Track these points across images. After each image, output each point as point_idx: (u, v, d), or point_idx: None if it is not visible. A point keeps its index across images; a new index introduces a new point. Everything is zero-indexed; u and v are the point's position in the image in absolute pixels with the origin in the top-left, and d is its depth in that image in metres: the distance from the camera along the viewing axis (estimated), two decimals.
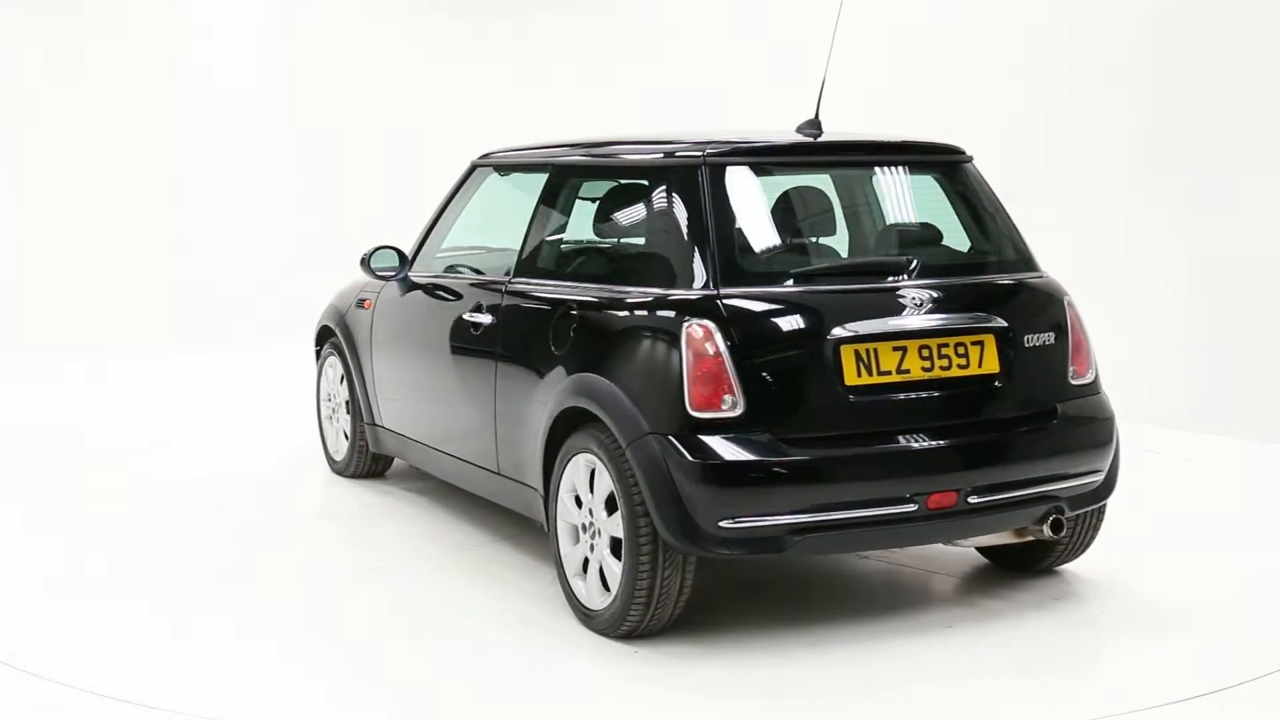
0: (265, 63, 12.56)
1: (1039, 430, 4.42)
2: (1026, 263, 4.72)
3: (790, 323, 4.20)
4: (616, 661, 4.20)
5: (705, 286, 4.17)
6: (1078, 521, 4.76)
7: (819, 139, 4.80)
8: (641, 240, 4.60)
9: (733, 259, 4.24)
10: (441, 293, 5.52)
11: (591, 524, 4.38)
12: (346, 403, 6.37)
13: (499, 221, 5.74)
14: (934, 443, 4.21)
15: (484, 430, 5.06)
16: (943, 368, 4.26)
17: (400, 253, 5.77)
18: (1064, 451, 4.46)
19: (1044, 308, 4.57)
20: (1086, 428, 4.54)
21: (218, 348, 10.97)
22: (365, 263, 5.74)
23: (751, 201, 4.44)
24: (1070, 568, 5.09)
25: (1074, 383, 4.57)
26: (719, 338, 4.07)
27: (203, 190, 12.24)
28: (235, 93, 12.32)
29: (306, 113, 12.40)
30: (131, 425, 8.13)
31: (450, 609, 4.71)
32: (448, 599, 4.80)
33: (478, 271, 5.59)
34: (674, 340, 4.10)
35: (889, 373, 4.19)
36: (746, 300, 4.17)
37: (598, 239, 4.92)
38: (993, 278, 4.63)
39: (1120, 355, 8.40)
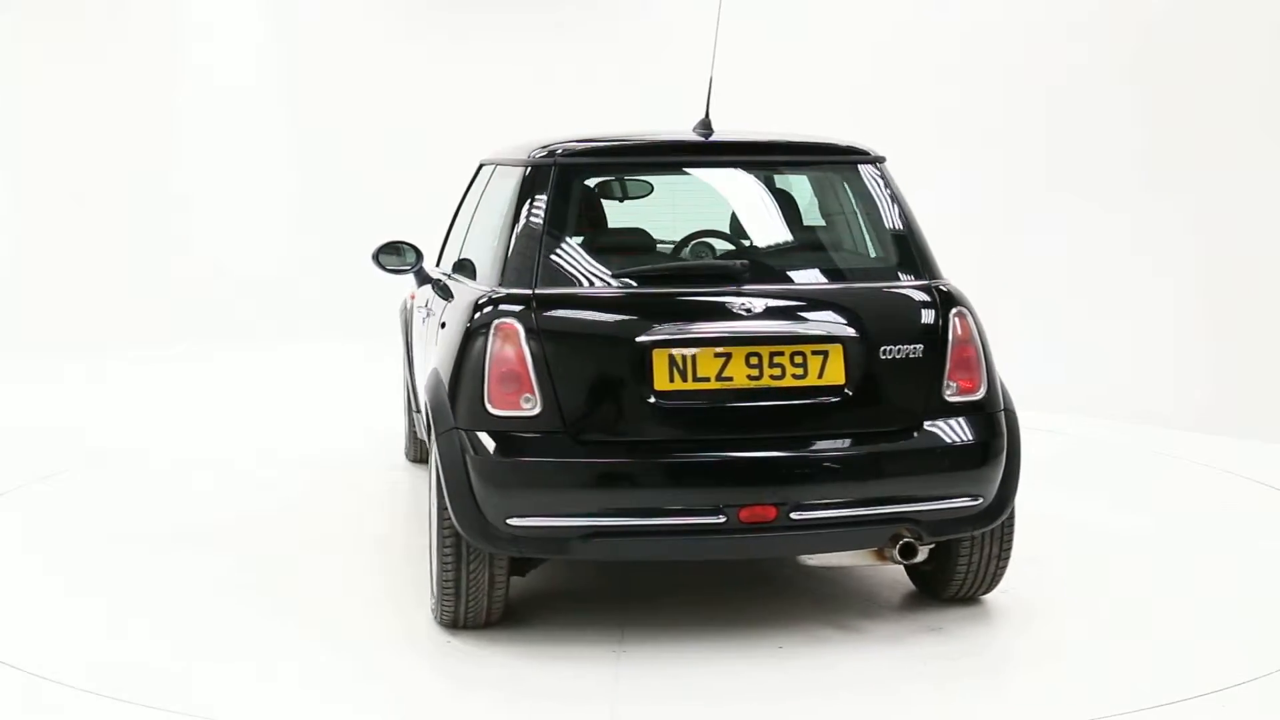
0: (265, 63, 12.56)
1: (889, 448, 4.16)
2: (912, 269, 4.43)
3: (599, 325, 4.19)
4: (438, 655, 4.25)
5: (525, 285, 4.20)
6: (977, 549, 4.44)
7: (708, 139, 4.70)
8: (495, 238, 4.61)
9: (558, 259, 4.27)
10: (437, 287, 5.59)
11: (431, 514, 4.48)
12: None
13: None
14: (750, 454, 4.07)
15: None
16: (774, 377, 4.09)
17: (410, 246, 5.79)
18: (921, 472, 4.17)
19: (915, 318, 4.28)
20: (957, 447, 4.21)
21: (217, 347, 10.97)
22: (374, 257, 5.78)
23: (592, 202, 4.53)
24: (1086, 566, 5.09)
25: (950, 399, 4.24)
26: (522, 337, 4.08)
27: (203, 190, 12.24)
28: (235, 93, 12.33)
29: (306, 113, 12.40)
30: (132, 425, 8.13)
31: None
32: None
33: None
34: (485, 337, 4.12)
35: (707, 379, 4.07)
36: (559, 300, 4.18)
37: (478, 236, 5.02)
38: (851, 285, 4.38)
39: (1120, 355, 8.42)
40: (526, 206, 4.35)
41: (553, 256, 4.27)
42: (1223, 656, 4.23)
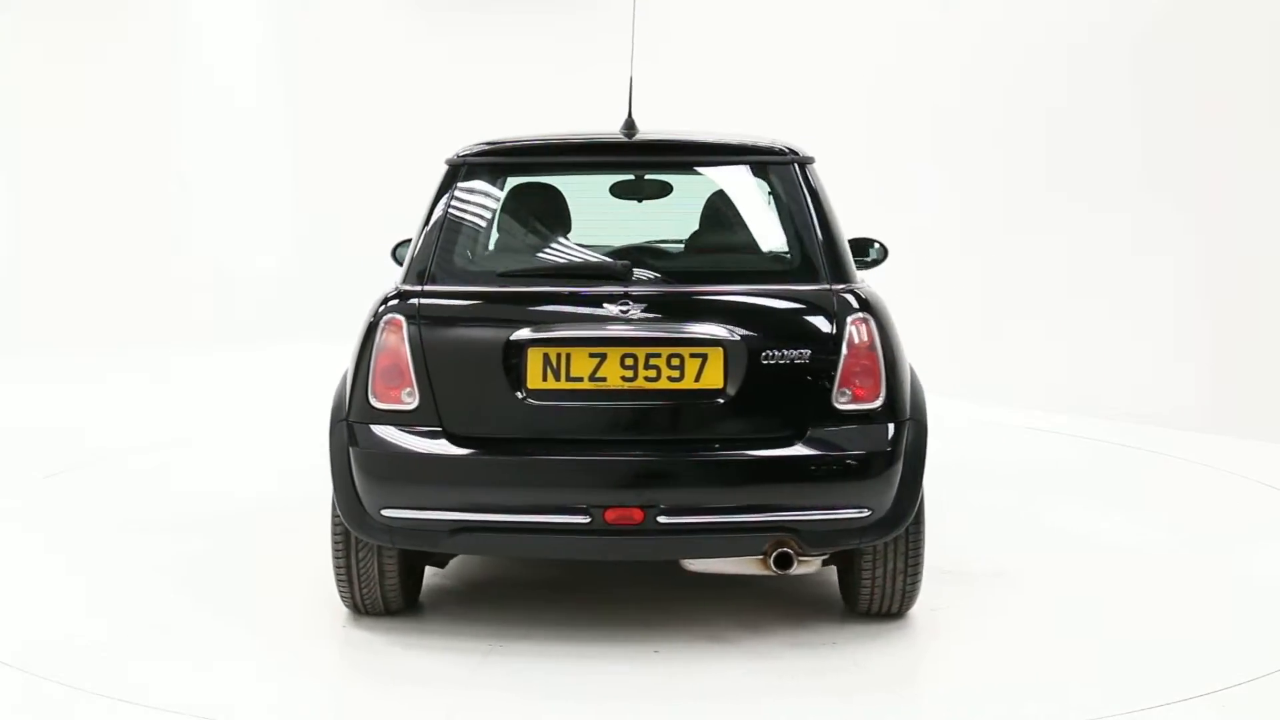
0: (265, 63, 12.57)
1: (767, 454, 4.07)
2: (814, 273, 4.29)
3: (478, 322, 4.26)
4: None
5: (421, 282, 4.28)
6: (880, 563, 4.33)
7: (631, 138, 4.67)
8: (411, 237, 4.66)
9: (449, 256, 4.35)
10: None
11: None
12: None
13: None
14: (616, 455, 4.05)
15: None
16: (649, 379, 4.05)
17: None
18: (802, 480, 4.07)
19: (803, 323, 4.17)
20: (843, 457, 4.09)
21: (217, 347, 10.97)
22: (393, 253, 5.82)
23: (491, 202, 4.55)
24: (1085, 566, 5.09)
25: (842, 407, 4.11)
26: (405, 332, 4.17)
27: (203, 190, 12.25)
28: (235, 93, 12.33)
29: (306, 113, 12.40)
30: (133, 425, 8.13)
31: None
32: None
33: None
34: (374, 332, 4.22)
35: (580, 379, 4.07)
36: (444, 297, 4.26)
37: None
38: (742, 288, 4.28)
39: (1121, 355, 8.42)
40: (434, 205, 4.46)
41: (450, 255, 4.36)
42: (1222, 656, 4.23)
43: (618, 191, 5.20)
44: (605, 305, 4.13)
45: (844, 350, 4.13)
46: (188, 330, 11.49)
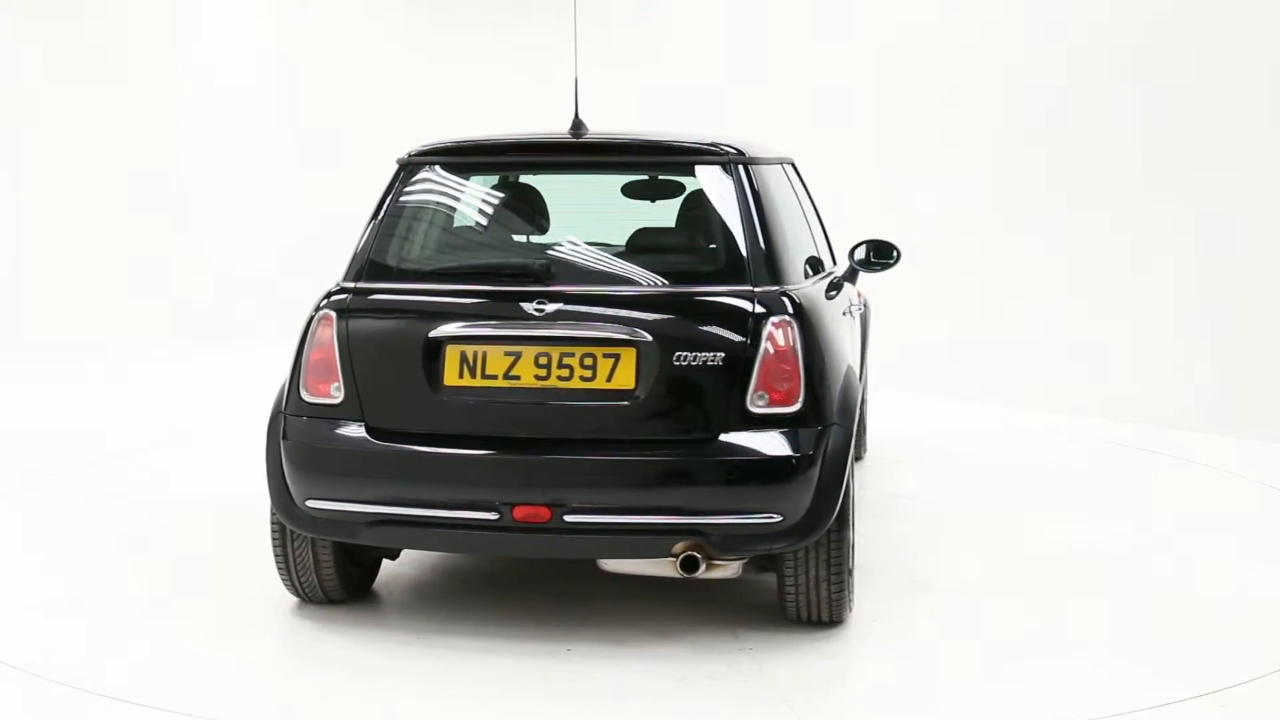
0: (265, 63, 12.57)
1: (675, 456, 4.04)
2: (740, 275, 4.22)
3: (400, 319, 4.31)
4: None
5: (356, 279, 4.40)
6: (801, 570, 4.24)
7: (579, 138, 4.70)
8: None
9: (382, 255, 4.45)
10: None
11: None
12: None
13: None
14: (524, 454, 4.07)
15: None
16: (562, 378, 4.08)
17: None
18: (711, 483, 4.03)
19: (719, 325, 4.10)
20: (754, 461, 4.03)
21: (216, 347, 10.97)
22: None
23: (430, 201, 4.61)
24: (1084, 566, 5.09)
25: (757, 410, 4.06)
26: (335, 328, 4.28)
27: (203, 190, 12.25)
28: (235, 93, 12.34)
29: (306, 113, 12.40)
30: (133, 425, 8.13)
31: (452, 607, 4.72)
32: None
33: None
34: (309, 328, 4.35)
35: (495, 377, 4.12)
36: (372, 294, 4.34)
37: None
38: (659, 289, 4.25)
39: (1121, 355, 8.42)
40: (377, 204, 4.57)
41: (384, 253, 4.45)
42: (1222, 656, 4.23)
43: (629, 191, 5.20)
44: (523, 305, 4.16)
45: (761, 353, 4.08)
46: (187, 330, 11.49)
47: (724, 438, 4.05)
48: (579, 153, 4.71)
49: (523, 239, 4.89)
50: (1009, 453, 7.38)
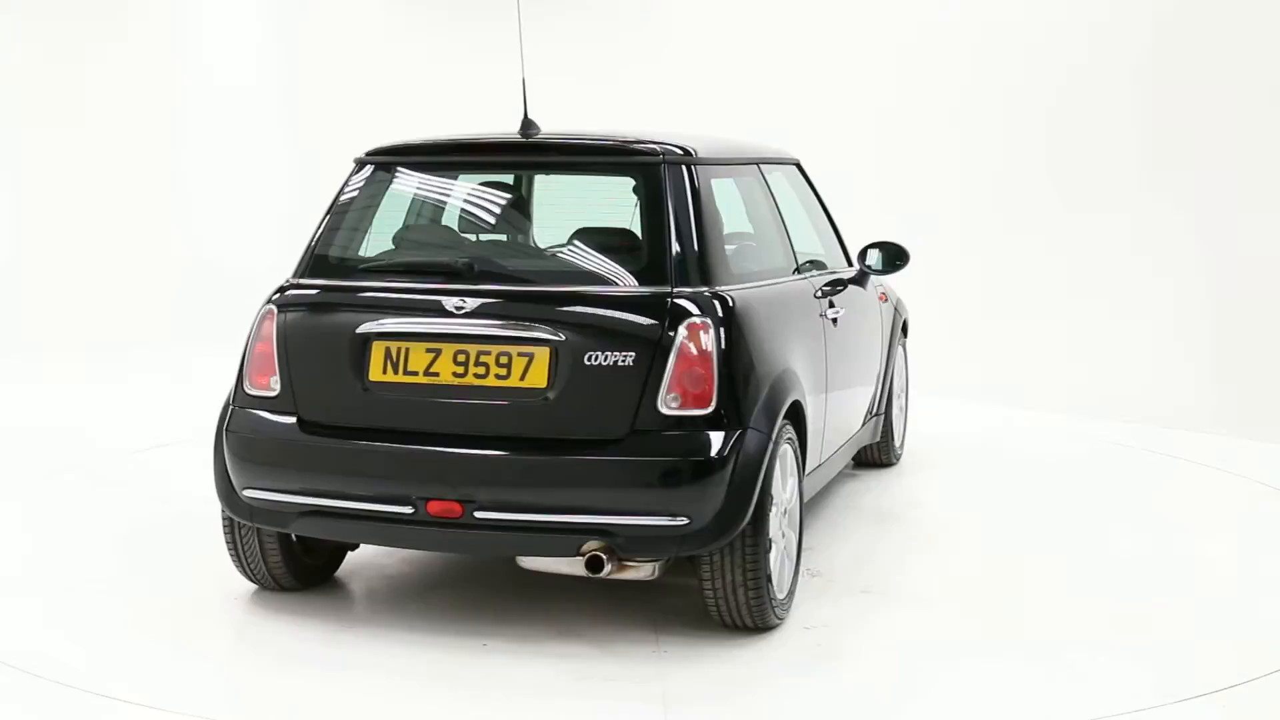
0: (265, 63, 12.56)
1: (582, 456, 4.04)
2: (659, 276, 4.20)
3: (330, 314, 4.44)
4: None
5: (299, 275, 4.54)
6: (718, 574, 4.20)
7: (529, 137, 4.74)
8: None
9: (324, 252, 4.58)
10: None
11: None
12: None
13: None
14: (439, 450, 4.13)
15: None
16: (478, 375, 4.15)
17: None
18: (617, 484, 4.02)
19: (631, 326, 4.11)
20: (660, 463, 4.01)
21: (215, 348, 10.95)
22: None
23: (375, 199, 4.71)
24: (1084, 566, 5.09)
25: (668, 412, 4.03)
26: (274, 322, 4.42)
27: (203, 190, 12.24)
28: (235, 93, 12.33)
29: (306, 113, 12.40)
30: (133, 425, 8.13)
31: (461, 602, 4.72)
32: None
33: None
34: (255, 323, 4.49)
35: (416, 373, 4.21)
36: (309, 289, 4.48)
37: None
38: (575, 289, 4.26)
39: (1121, 355, 8.42)
40: (331, 202, 4.70)
41: (328, 249, 4.58)
42: (1222, 656, 4.23)
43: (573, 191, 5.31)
44: (444, 302, 4.24)
45: (675, 354, 4.06)
46: (187, 330, 11.48)
47: (632, 439, 4.05)
48: (522, 152, 4.83)
49: (467, 238, 4.91)
50: (1009, 453, 7.38)
